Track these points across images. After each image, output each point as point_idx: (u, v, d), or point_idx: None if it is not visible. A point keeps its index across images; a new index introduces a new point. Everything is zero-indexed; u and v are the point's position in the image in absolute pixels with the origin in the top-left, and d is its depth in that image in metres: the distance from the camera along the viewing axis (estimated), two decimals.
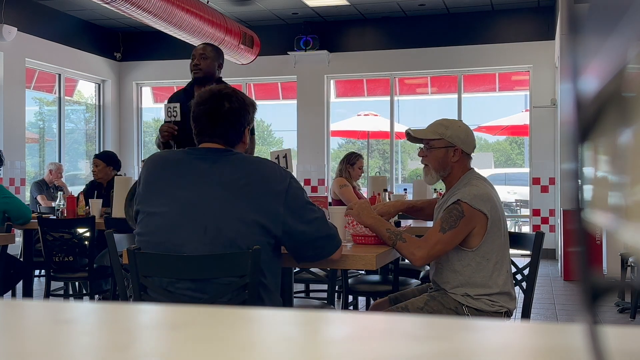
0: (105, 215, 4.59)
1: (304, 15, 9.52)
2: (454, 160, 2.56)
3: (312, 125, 9.94)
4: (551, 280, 7.07)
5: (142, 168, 2.16)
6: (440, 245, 2.43)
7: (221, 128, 2.08)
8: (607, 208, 0.41)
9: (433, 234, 2.45)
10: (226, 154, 2.06)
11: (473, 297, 2.50)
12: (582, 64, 0.34)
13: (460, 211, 2.43)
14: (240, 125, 2.11)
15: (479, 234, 2.47)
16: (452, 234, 2.43)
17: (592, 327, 0.35)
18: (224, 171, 2.01)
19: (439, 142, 2.56)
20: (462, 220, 2.43)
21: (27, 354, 0.48)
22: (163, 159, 2.12)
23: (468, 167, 2.62)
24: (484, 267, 2.49)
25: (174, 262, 1.94)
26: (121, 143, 10.69)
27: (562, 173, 7.99)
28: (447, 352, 0.48)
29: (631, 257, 5.07)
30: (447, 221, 2.44)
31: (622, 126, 0.38)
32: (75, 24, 9.70)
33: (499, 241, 2.51)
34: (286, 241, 2.06)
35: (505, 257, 2.54)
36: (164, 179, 2.04)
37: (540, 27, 9.14)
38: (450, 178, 2.61)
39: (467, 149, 2.58)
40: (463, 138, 2.56)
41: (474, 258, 2.49)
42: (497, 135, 13.36)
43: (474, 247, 2.48)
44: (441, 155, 2.57)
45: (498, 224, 2.50)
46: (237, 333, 0.55)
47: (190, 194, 1.99)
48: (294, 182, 2.08)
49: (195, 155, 2.07)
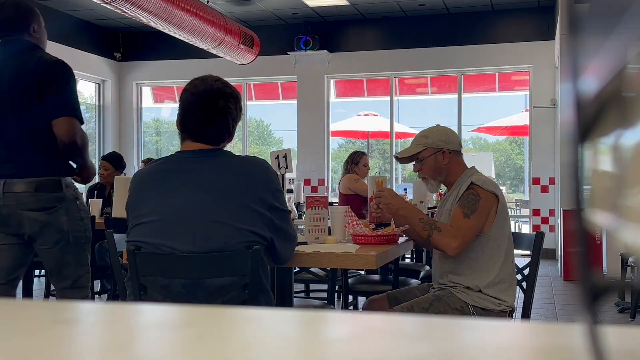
0: (105, 215, 4.59)
1: (304, 15, 9.52)
2: (446, 162, 2.63)
3: (312, 125, 9.94)
4: (551, 280, 7.07)
5: (130, 182, 2.13)
6: (470, 231, 2.46)
7: (215, 128, 2.04)
8: (607, 208, 0.41)
9: (460, 222, 2.46)
10: (211, 156, 2.03)
11: (482, 292, 2.51)
12: (582, 64, 0.34)
13: (476, 194, 2.48)
14: (234, 123, 2.08)
15: (491, 217, 2.52)
16: (475, 216, 2.47)
17: (592, 327, 0.35)
18: (210, 175, 1.99)
19: (426, 152, 2.64)
20: (480, 202, 2.48)
21: (26, 354, 0.48)
22: (148, 172, 2.09)
23: (463, 164, 2.69)
24: (496, 252, 2.53)
25: (174, 262, 1.93)
26: (121, 143, 10.69)
27: (562, 173, 7.99)
28: (447, 352, 0.48)
29: (631, 257, 5.07)
30: (467, 206, 2.48)
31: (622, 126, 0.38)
32: (75, 24, 9.70)
33: (507, 228, 2.58)
34: (273, 242, 2.06)
35: (512, 245, 2.60)
36: (150, 192, 2.02)
37: (540, 27, 9.14)
38: (450, 178, 2.67)
39: (453, 147, 2.65)
40: (445, 139, 2.64)
41: (486, 243, 2.53)
42: (497, 135, 13.36)
43: (486, 231, 2.52)
44: (432, 163, 2.64)
45: (505, 210, 2.56)
46: (237, 333, 0.55)
47: (176, 201, 1.96)
48: (278, 183, 2.08)
49: (180, 161, 2.04)
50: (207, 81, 2.05)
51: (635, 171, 0.37)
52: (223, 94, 2.03)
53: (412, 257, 5.51)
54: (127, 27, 10.23)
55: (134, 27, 10.15)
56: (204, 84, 2.04)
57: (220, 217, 1.94)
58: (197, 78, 2.07)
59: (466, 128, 10.25)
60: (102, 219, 4.37)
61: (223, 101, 2.03)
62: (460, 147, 2.70)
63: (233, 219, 1.94)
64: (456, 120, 9.69)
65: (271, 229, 2.03)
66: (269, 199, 2.01)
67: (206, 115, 2.02)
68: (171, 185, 2.00)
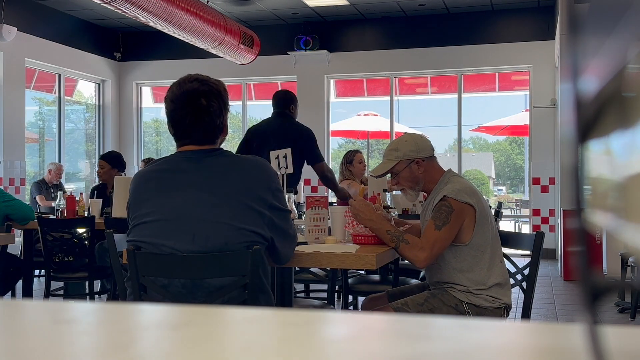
0: (105, 215, 4.59)
1: (303, 15, 9.52)
2: (421, 171, 2.64)
3: (312, 125, 9.85)
4: (551, 280, 7.07)
5: (130, 183, 2.13)
6: (439, 242, 2.46)
7: (204, 130, 2.03)
8: (607, 208, 0.41)
9: (430, 233, 2.47)
10: (211, 155, 2.03)
11: (473, 293, 2.52)
12: (582, 64, 0.34)
13: (449, 206, 2.48)
14: (221, 117, 2.05)
15: (469, 227, 2.51)
16: (447, 229, 2.46)
17: (592, 327, 0.35)
18: (209, 175, 1.98)
19: (399, 166, 2.65)
20: (453, 214, 2.47)
21: (27, 354, 0.48)
22: (148, 172, 2.08)
23: (439, 169, 2.69)
24: (480, 259, 2.53)
25: (174, 262, 1.93)
26: (121, 143, 10.69)
27: (562, 173, 7.99)
28: (447, 352, 0.48)
29: (631, 257, 5.07)
30: (439, 218, 2.48)
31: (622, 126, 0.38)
32: (75, 24, 9.70)
33: (490, 233, 2.56)
34: (273, 242, 2.06)
35: (497, 248, 2.60)
36: (151, 192, 2.02)
37: (540, 27, 9.14)
38: (427, 185, 2.67)
39: (425, 154, 2.65)
40: (415, 149, 2.64)
41: (469, 252, 2.53)
42: (497, 135, 13.36)
43: (466, 241, 2.53)
44: (408, 174, 2.65)
45: (485, 215, 2.55)
46: (237, 333, 0.55)
47: (176, 201, 1.96)
48: (278, 184, 2.08)
49: (179, 161, 2.03)
50: (183, 84, 2.02)
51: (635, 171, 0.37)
52: (201, 92, 2.00)
53: None
54: (127, 27, 10.22)
55: (133, 27, 10.14)
56: (180, 87, 2.02)
57: (220, 217, 1.94)
58: (174, 83, 2.04)
59: (466, 128, 10.25)
60: (102, 219, 4.37)
61: (204, 99, 2.00)
62: (432, 152, 2.69)
63: (233, 218, 1.94)
64: (456, 120, 9.69)
65: (271, 229, 2.03)
66: (269, 199, 2.01)
67: (190, 118, 2.00)
68: (171, 185, 2.00)
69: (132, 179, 2.14)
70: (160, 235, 1.96)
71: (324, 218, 2.69)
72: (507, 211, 12.50)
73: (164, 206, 1.97)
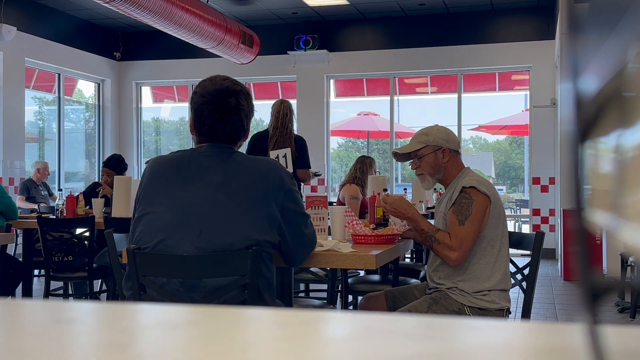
0: (105, 215, 4.59)
1: (303, 14, 9.52)
2: (445, 160, 2.66)
3: (312, 124, 9.94)
4: (551, 280, 7.07)
5: (144, 169, 2.13)
6: (467, 238, 2.48)
7: (230, 127, 2.04)
8: (607, 208, 0.41)
9: (455, 231, 2.49)
10: (227, 155, 2.03)
11: (475, 296, 2.51)
12: (582, 63, 0.34)
13: (469, 197, 2.50)
14: (247, 119, 2.08)
15: (485, 217, 2.53)
16: (470, 222, 2.48)
17: (592, 327, 0.35)
18: (223, 173, 1.99)
19: (426, 149, 2.66)
20: (473, 205, 2.49)
21: (26, 354, 0.48)
22: (165, 160, 2.08)
23: (461, 164, 2.71)
24: (488, 253, 2.53)
25: (174, 261, 1.93)
26: (121, 143, 10.69)
27: (562, 173, 7.99)
28: (447, 352, 0.48)
29: (631, 257, 5.07)
30: (461, 212, 2.50)
31: (622, 126, 0.38)
32: (75, 24, 9.70)
33: (502, 229, 2.58)
34: (284, 244, 2.06)
35: (505, 248, 2.60)
36: (164, 180, 2.02)
37: (540, 27, 9.14)
38: (447, 177, 2.69)
39: (453, 146, 2.68)
40: (446, 138, 2.67)
41: (479, 244, 2.54)
42: (497, 135, 13.36)
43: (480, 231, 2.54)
44: (432, 160, 2.66)
45: (500, 211, 2.57)
46: (237, 333, 0.55)
47: (188, 195, 1.96)
48: (292, 184, 2.07)
49: (197, 157, 2.04)
50: (215, 81, 2.05)
51: (635, 171, 0.37)
52: (233, 91, 2.03)
53: (412, 257, 5.51)
54: (126, 26, 10.22)
55: (133, 26, 10.14)
56: (213, 84, 2.04)
57: (230, 219, 1.93)
58: (205, 79, 2.07)
59: (466, 127, 10.25)
60: (102, 219, 4.37)
61: (234, 98, 2.02)
62: (459, 147, 2.72)
63: (242, 221, 1.94)
64: (456, 119, 9.69)
65: (282, 231, 2.02)
66: (280, 200, 2.00)
67: (219, 114, 2.01)
68: (187, 178, 1.99)
69: (148, 164, 2.13)
70: (167, 228, 1.95)
71: (324, 218, 2.69)
72: (507, 211, 12.47)
73: (174, 199, 1.97)
